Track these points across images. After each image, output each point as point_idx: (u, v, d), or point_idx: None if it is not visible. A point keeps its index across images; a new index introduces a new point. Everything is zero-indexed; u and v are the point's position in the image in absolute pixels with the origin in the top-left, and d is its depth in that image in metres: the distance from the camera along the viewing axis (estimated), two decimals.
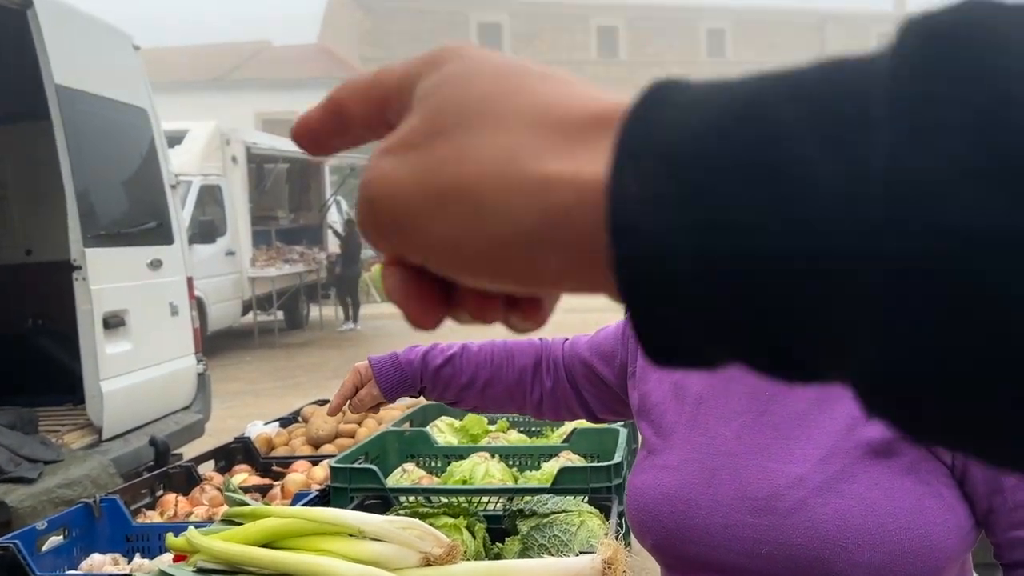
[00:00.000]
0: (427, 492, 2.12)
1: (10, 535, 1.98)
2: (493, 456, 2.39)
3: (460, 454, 2.47)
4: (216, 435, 5.52)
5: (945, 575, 1.06)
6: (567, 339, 1.48)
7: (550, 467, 2.36)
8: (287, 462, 2.87)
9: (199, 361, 5.04)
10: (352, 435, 3.19)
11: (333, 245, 15.56)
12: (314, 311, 15.15)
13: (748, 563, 1.07)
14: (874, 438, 1.05)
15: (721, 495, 1.10)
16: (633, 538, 1.30)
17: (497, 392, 1.47)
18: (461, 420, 2.87)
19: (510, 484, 2.26)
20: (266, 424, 3.36)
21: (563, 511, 1.90)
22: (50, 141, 3.96)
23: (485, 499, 2.13)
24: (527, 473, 2.41)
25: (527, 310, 0.33)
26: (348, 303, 14.67)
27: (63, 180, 3.92)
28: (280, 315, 13.71)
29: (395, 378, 1.51)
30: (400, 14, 32.56)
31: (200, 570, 1.45)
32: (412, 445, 2.58)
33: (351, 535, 1.43)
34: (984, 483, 1.05)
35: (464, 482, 2.25)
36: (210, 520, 2.23)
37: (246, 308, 12.33)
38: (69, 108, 3.97)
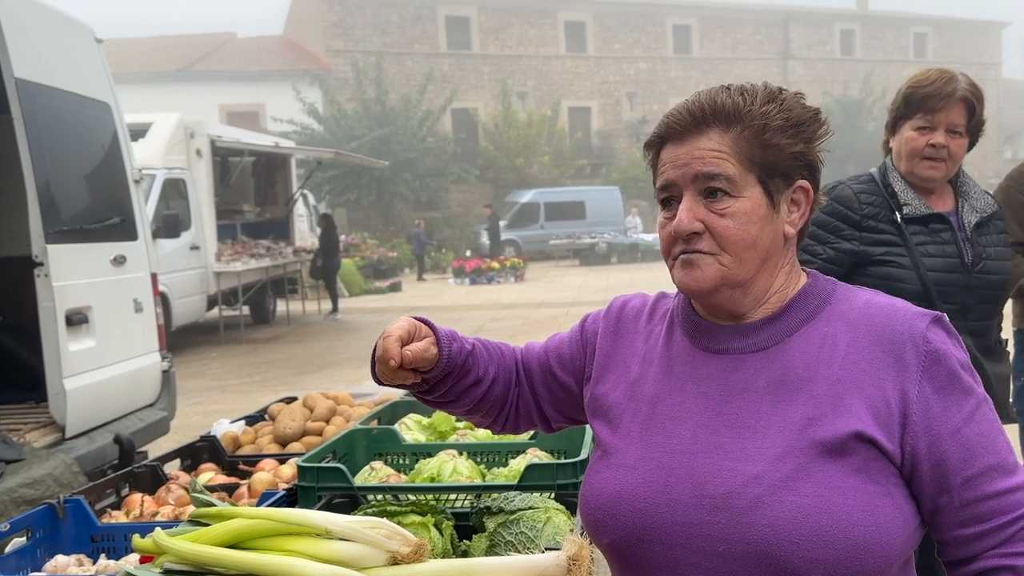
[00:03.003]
0: (395, 490, 2.13)
1: None
2: (461, 453, 2.41)
3: (428, 451, 2.49)
4: (181, 432, 5.47)
5: (890, 572, 1.09)
6: (523, 348, 1.45)
7: (517, 464, 2.38)
8: (254, 461, 2.86)
9: (164, 358, 5.00)
10: (319, 433, 3.18)
11: (300, 239, 15.49)
12: (280, 306, 15.06)
13: (705, 561, 1.09)
14: (827, 438, 1.08)
15: (678, 494, 1.12)
16: None
17: (497, 393, 1.39)
18: (429, 417, 2.88)
19: (478, 481, 2.28)
20: (232, 422, 3.35)
21: (530, 508, 1.93)
22: (10, 136, 3.89)
23: (453, 496, 2.15)
24: (495, 470, 2.43)
25: None
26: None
27: (24, 175, 3.86)
28: (246, 310, 13.60)
29: (452, 350, 1.31)
30: (366, 7, 32.31)
31: (167, 571, 1.45)
32: (380, 443, 2.58)
33: (318, 535, 1.43)
34: (931, 483, 1.09)
35: (432, 479, 2.26)
36: (176, 520, 2.23)
37: (211, 303, 12.20)
38: (30, 102, 3.90)
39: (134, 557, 1.94)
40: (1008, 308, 3.31)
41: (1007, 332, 3.27)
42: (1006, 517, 1.08)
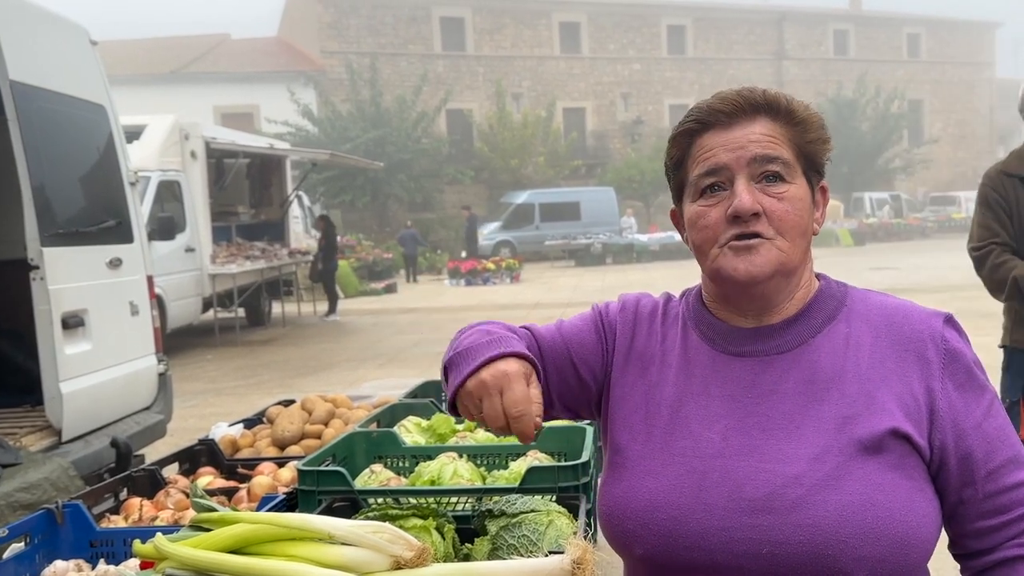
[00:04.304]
0: (396, 494, 2.13)
1: None
2: (461, 456, 2.41)
3: (428, 454, 2.48)
4: (178, 435, 5.46)
5: (922, 570, 1.11)
6: (527, 330, 1.32)
7: (518, 466, 2.38)
8: (253, 464, 2.86)
9: (160, 361, 4.98)
10: (318, 436, 3.17)
11: (295, 241, 15.47)
12: (276, 308, 15.04)
13: (747, 564, 1.08)
14: (864, 436, 1.09)
15: (714, 498, 1.10)
16: (600, 536, 1.30)
17: None
18: (428, 420, 2.88)
19: (478, 484, 2.27)
20: (230, 425, 3.34)
21: (532, 511, 1.92)
22: (5, 138, 3.88)
23: (454, 500, 2.14)
24: (495, 472, 2.43)
25: None
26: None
27: (19, 178, 3.84)
28: (242, 312, 13.57)
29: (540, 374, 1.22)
30: (361, 8, 32.30)
31: None
32: (380, 446, 2.58)
33: (321, 540, 1.43)
34: (958, 476, 1.11)
35: (432, 482, 2.26)
36: (176, 524, 2.22)
37: (206, 305, 12.17)
38: (25, 105, 3.89)
39: (134, 562, 1.93)
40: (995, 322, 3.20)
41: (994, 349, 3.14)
42: None
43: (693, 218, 1.19)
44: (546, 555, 1.54)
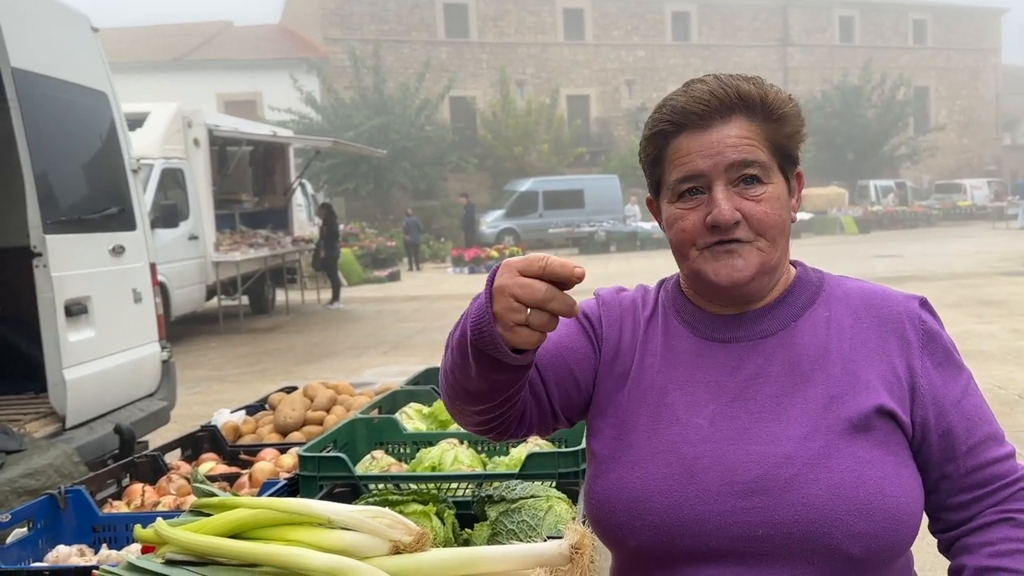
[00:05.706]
0: (397, 480, 2.14)
1: None
2: (462, 442, 2.41)
3: (429, 440, 2.49)
4: (181, 422, 5.48)
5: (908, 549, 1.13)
6: None
7: (518, 452, 2.39)
8: (255, 450, 2.87)
9: (163, 348, 4.99)
10: (320, 423, 3.18)
11: (298, 229, 15.47)
12: (280, 296, 15.06)
13: (742, 547, 1.08)
14: (852, 414, 1.10)
15: (706, 483, 1.10)
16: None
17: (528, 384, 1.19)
18: (430, 406, 2.88)
19: (479, 470, 2.28)
20: (233, 412, 3.35)
21: (531, 496, 1.93)
22: (7, 126, 3.88)
23: (454, 485, 2.15)
24: (496, 458, 2.43)
25: None
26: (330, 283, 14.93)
27: (22, 166, 3.85)
28: (245, 300, 13.60)
29: None
30: None
31: (169, 562, 1.45)
32: (381, 432, 2.59)
33: (321, 525, 1.43)
34: (939, 451, 1.13)
35: (433, 468, 2.27)
36: (178, 509, 2.23)
37: (210, 293, 12.19)
38: (27, 92, 3.88)
39: (136, 547, 1.94)
40: None
41: None
42: (1003, 481, 1.14)
43: (671, 220, 1.19)
44: (545, 540, 1.55)
